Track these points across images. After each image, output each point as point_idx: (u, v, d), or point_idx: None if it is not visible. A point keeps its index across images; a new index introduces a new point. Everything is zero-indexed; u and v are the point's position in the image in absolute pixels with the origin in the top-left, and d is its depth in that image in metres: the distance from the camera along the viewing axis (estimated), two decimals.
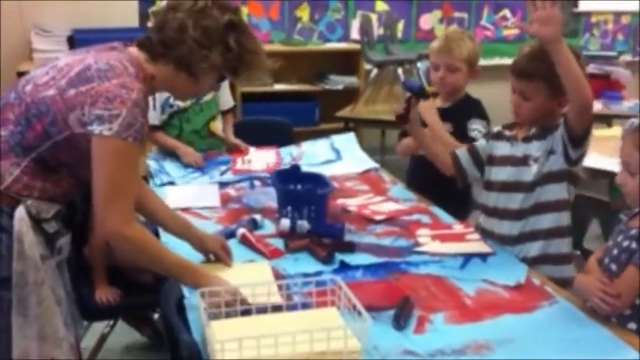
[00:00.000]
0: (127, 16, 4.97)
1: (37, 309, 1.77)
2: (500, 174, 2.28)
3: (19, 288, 1.75)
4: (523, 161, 2.20)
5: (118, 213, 1.71)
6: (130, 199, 1.75)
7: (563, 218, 2.21)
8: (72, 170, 1.82)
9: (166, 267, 1.82)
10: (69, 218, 1.93)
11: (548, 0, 1.92)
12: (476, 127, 2.68)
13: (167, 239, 2.08)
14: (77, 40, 4.65)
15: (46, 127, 1.74)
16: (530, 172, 2.18)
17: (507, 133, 2.30)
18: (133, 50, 1.84)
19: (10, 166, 1.75)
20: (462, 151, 2.40)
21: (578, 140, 2.08)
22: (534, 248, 2.20)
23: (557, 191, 2.18)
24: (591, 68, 4.91)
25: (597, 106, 4.53)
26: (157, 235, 2.10)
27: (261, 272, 1.98)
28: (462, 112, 2.76)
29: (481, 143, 2.39)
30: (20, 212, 1.75)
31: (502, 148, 2.29)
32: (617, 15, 6.25)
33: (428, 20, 5.82)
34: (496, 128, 2.42)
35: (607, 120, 4.81)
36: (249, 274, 1.82)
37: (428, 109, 2.60)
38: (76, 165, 1.80)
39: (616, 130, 3.71)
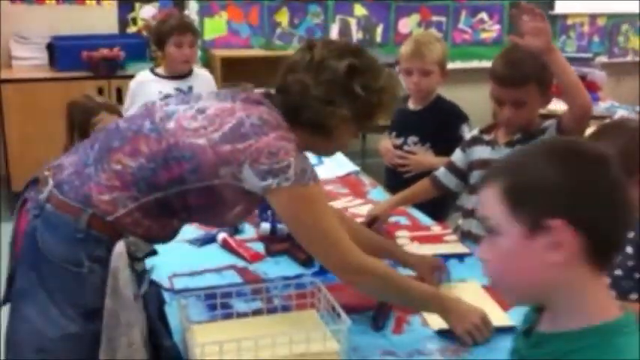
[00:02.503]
0: (107, 22, 4.98)
1: (127, 352, 1.64)
2: None
3: (110, 328, 1.63)
4: None
5: (345, 255, 1.65)
6: (344, 234, 1.68)
7: None
8: (193, 215, 1.73)
9: (411, 298, 1.75)
10: None
11: (538, 14, 1.96)
12: (467, 131, 2.70)
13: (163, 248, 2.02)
14: (56, 47, 4.66)
15: (184, 174, 1.62)
16: None
17: (486, 137, 2.33)
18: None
19: (126, 198, 1.63)
20: (440, 172, 2.45)
21: None
22: None
23: None
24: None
25: None
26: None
27: (474, 293, 1.91)
28: (435, 114, 2.81)
29: (458, 155, 2.42)
30: (120, 247, 1.61)
31: (482, 152, 2.32)
32: (593, 17, 6.33)
33: (406, 24, 5.86)
34: (471, 133, 2.45)
35: None
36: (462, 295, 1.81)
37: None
38: (204, 210, 1.70)
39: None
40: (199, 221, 1.81)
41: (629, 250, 1.79)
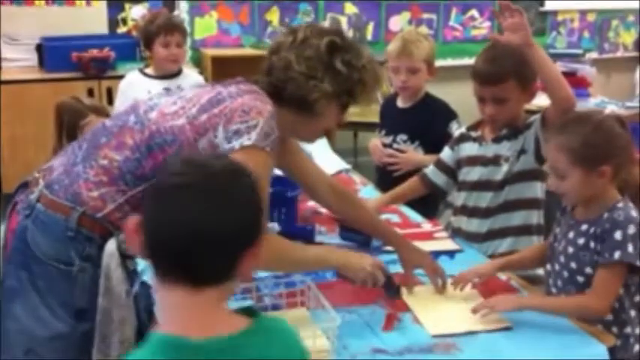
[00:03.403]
0: (96, 23, 4.96)
1: (119, 349, 1.66)
2: (470, 174, 2.31)
3: (103, 325, 1.65)
4: (494, 161, 2.23)
5: None
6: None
7: (533, 216, 2.25)
8: None
9: (311, 266, 1.84)
10: None
11: (515, 10, 1.97)
12: (456, 128, 2.70)
13: None
14: (46, 47, 4.64)
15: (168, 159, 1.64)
16: (500, 172, 2.22)
17: (473, 133, 2.34)
18: None
19: (115, 192, 1.64)
20: (430, 170, 2.45)
21: None
22: (503, 245, 2.24)
23: (527, 189, 2.21)
24: (558, 66, 4.98)
25: None
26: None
27: (465, 291, 1.92)
28: (423, 111, 2.81)
29: (446, 153, 2.42)
30: (111, 246, 1.64)
31: (469, 149, 2.33)
32: (583, 13, 6.35)
33: (397, 22, 5.86)
34: (458, 131, 2.46)
35: None
36: None
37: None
38: None
39: None
40: None
41: (580, 241, 1.79)
